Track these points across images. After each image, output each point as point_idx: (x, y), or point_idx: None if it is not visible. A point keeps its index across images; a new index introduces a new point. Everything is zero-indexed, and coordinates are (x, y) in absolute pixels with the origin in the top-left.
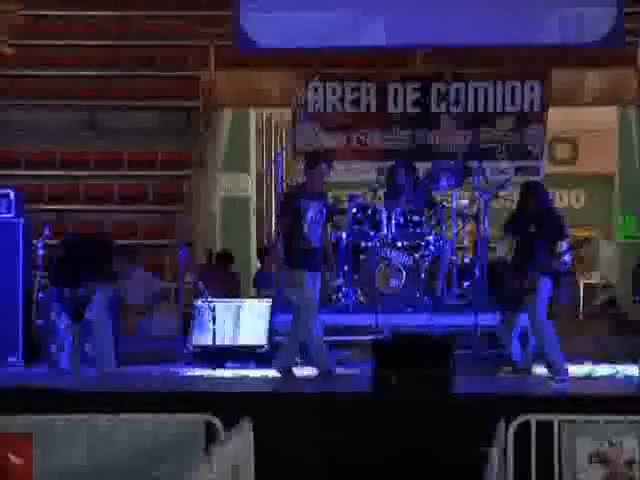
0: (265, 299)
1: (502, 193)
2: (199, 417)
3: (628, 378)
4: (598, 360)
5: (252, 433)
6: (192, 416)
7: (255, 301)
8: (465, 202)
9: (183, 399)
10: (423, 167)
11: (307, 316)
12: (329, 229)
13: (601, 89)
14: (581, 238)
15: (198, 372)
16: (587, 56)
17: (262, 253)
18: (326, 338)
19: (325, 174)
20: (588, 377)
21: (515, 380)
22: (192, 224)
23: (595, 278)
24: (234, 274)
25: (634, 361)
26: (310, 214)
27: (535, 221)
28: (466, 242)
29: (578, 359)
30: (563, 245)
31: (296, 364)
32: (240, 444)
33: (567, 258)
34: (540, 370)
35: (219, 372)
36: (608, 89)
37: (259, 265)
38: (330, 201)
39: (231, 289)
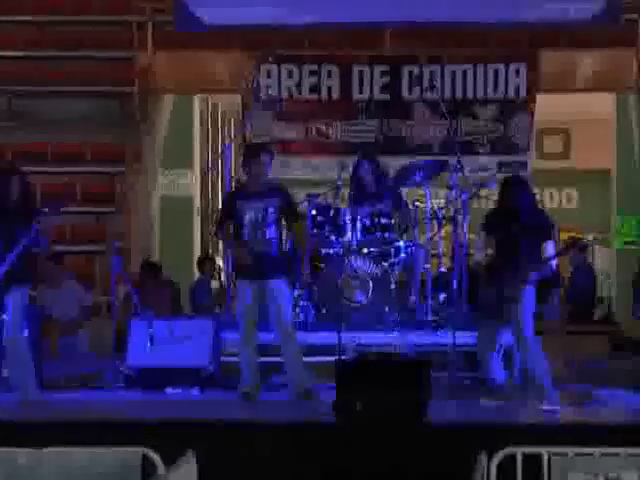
0: (211, 314)
1: (484, 192)
2: (135, 450)
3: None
4: (593, 384)
5: (196, 468)
6: (127, 450)
7: (199, 317)
8: (441, 202)
9: (117, 430)
10: (393, 162)
11: (241, 331)
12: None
13: (596, 73)
14: (570, 241)
15: (134, 398)
16: (580, 36)
17: (202, 262)
18: (281, 360)
19: (267, 168)
20: (581, 403)
21: (498, 407)
22: (126, 228)
23: None
24: (169, 285)
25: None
26: (249, 216)
27: (517, 220)
28: (442, 248)
29: (570, 383)
30: (549, 248)
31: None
32: None
33: (554, 263)
34: (527, 395)
35: (158, 398)
36: (604, 73)
37: (198, 275)
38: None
39: (165, 303)
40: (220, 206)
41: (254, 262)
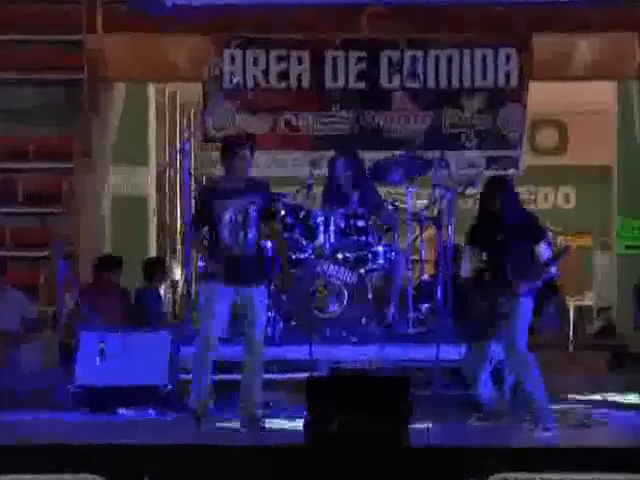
0: (169, 327)
1: (471, 191)
2: (84, 478)
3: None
4: (592, 402)
5: None
6: (75, 477)
7: (155, 330)
8: (424, 203)
9: (63, 454)
10: (370, 158)
11: (201, 340)
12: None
13: (595, 59)
14: (565, 245)
15: (82, 420)
16: (577, 18)
17: (151, 265)
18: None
19: (248, 163)
20: (579, 424)
21: (488, 429)
22: (74, 231)
23: (589, 299)
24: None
25: None
26: (227, 215)
27: (502, 226)
28: (425, 253)
29: (567, 402)
30: (545, 253)
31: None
32: None
33: (552, 270)
34: (519, 416)
35: (109, 419)
36: (604, 59)
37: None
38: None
39: (119, 312)
40: (194, 204)
41: (232, 266)
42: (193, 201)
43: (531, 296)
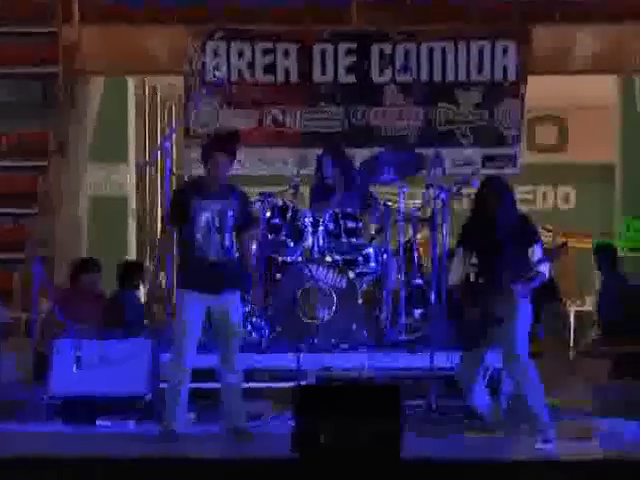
0: (149, 333)
1: (466, 190)
2: None
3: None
4: (594, 413)
5: None
6: None
7: (135, 336)
8: (417, 203)
9: (38, 470)
10: (361, 155)
11: (177, 351)
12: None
13: (597, 52)
14: (562, 242)
15: (59, 431)
16: (578, 8)
17: (128, 268)
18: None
19: (229, 164)
20: (581, 436)
21: (484, 441)
22: (50, 232)
23: (590, 304)
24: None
25: None
26: (204, 217)
27: (499, 227)
28: (418, 256)
29: (568, 412)
30: (537, 252)
31: (187, 421)
32: None
33: (543, 269)
34: (518, 428)
35: (87, 431)
36: (606, 52)
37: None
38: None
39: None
40: (169, 204)
41: (207, 272)
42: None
43: (529, 299)
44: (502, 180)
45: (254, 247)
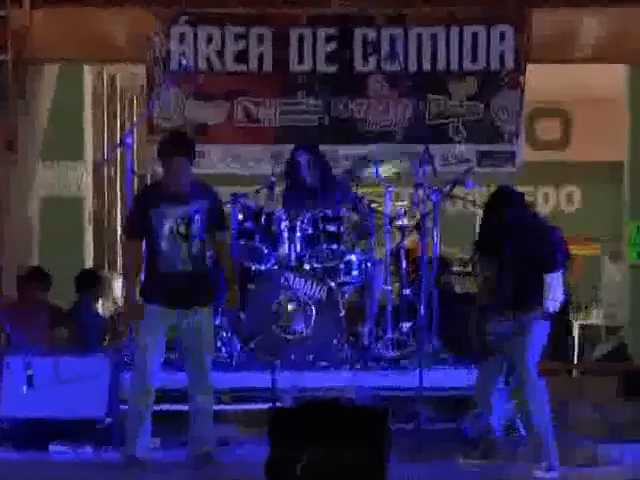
0: (108, 350)
1: (460, 191)
2: None
3: None
4: (601, 437)
5: None
6: None
7: (93, 354)
8: (404, 205)
9: None
10: (343, 153)
11: (139, 371)
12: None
13: (602, 39)
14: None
15: (8, 458)
16: None
17: (87, 278)
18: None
19: (187, 165)
20: (587, 463)
21: (480, 467)
22: None
23: (596, 317)
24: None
25: None
26: (167, 225)
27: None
28: (406, 264)
29: (573, 436)
30: (556, 290)
31: (150, 446)
32: None
33: (550, 305)
34: (517, 453)
35: (40, 458)
36: (613, 39)
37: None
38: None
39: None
40: (128, 212)
41: (175, 285)
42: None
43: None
44: (515, 192)
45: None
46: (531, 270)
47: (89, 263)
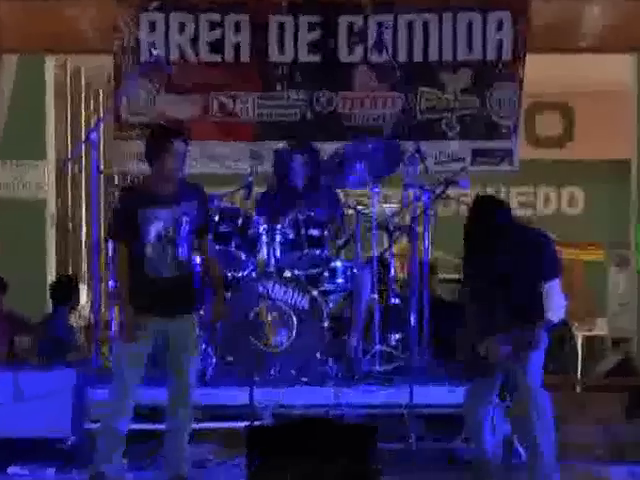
0: (74, 364)
1: (453, 192)
2: None
3: None
4: (607, 457)
5: None
6: None
7: (57, 368)
8: (393, 207)
9: None
10: (327, 150)
11: (118, 387)
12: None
13: (607, 27)
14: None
15: None
16: None
17: (60, 288)
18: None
19: (182, 159)
20: None
21: None
22: None
23: (601, 328)
24: (17, 320)
25: None
26: (155, 228)
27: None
28: (395, 271)
29: (577, 456)
30: (552, 291)
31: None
32: None
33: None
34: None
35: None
36: (618, 27)
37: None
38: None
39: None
40: (112, 214)
41: (160, 292)
42: (111, 208)
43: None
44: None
45: (198, 260)
46: (527, 281)
47: (51, 270)
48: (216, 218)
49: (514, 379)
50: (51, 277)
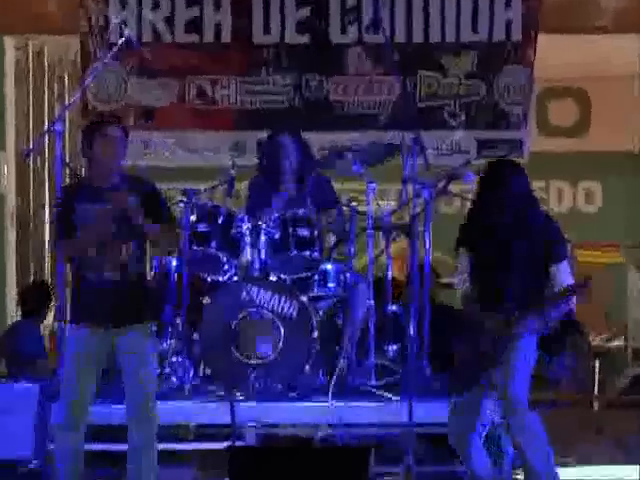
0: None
1: (457, 187)
2: None
3: None
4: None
5: None
6: None
7: (18, 383)
8: (390, 204)
9: None
10: (318, 140)
11: (66, 404)
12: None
13: (625, 5)
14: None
15: None
16: None
17: (29, 293)
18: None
19: (119, 150)
20: None
21: None
22: None
23: (619, 338)
24: None
25: None
26: (95, 225)
27: (498, 232)
28: (392, 274)
29: None
30: (565, 277)
31: None
32: None
33: (571, 305)
34: None
35: None
36: (638, 5)
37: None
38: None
39: None
40: (55, 209)
41: (103, 297)
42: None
43: (537, 334)
44: (510, 163)
45: (174, 262)
46: (533, 265)
47: (12, 271)
48: (193, 217)
49: (498, 395)
50: (11, 279)
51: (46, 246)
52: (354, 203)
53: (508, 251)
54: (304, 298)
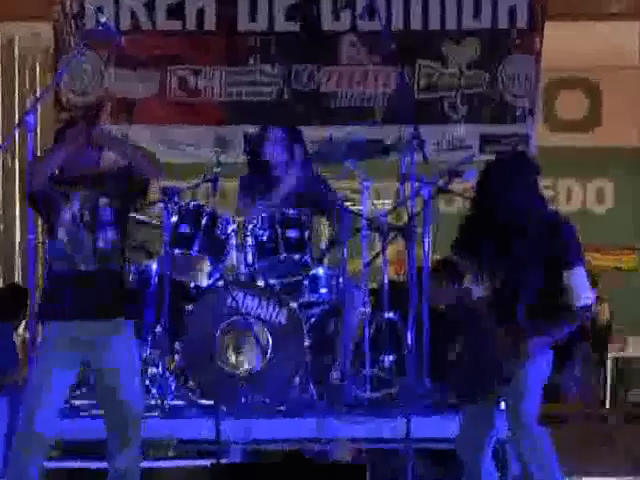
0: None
1: (458, 185)
2: None
3: None
4: None
5: None
6: None
7: None
8: (388, 203)
9: None
10: (310, 136)
11: (27, 412)
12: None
13: None
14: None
15: None
16: None
17: (6, 297)
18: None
19: (90, 142)
20: None
21: None
22: None
23: (635, 348)
24: None
25: None
26: (69, 212)
27: (518, 235)
28: (389, 278)
29: None
30: (581, 285)
31: None
32: None
33: (588, 313)
34: None
35: None
36: None
37: None
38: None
39: None
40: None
41: (76, 289)
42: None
43: (549, 343)
44: (519, 157)
45: (154, 266)
46: (542, 270)
47: None
48: (174, 218)
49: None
50: None
51: (17, 247)
52: (348, 202)
53: (513, 255)
54: (294, 304)
